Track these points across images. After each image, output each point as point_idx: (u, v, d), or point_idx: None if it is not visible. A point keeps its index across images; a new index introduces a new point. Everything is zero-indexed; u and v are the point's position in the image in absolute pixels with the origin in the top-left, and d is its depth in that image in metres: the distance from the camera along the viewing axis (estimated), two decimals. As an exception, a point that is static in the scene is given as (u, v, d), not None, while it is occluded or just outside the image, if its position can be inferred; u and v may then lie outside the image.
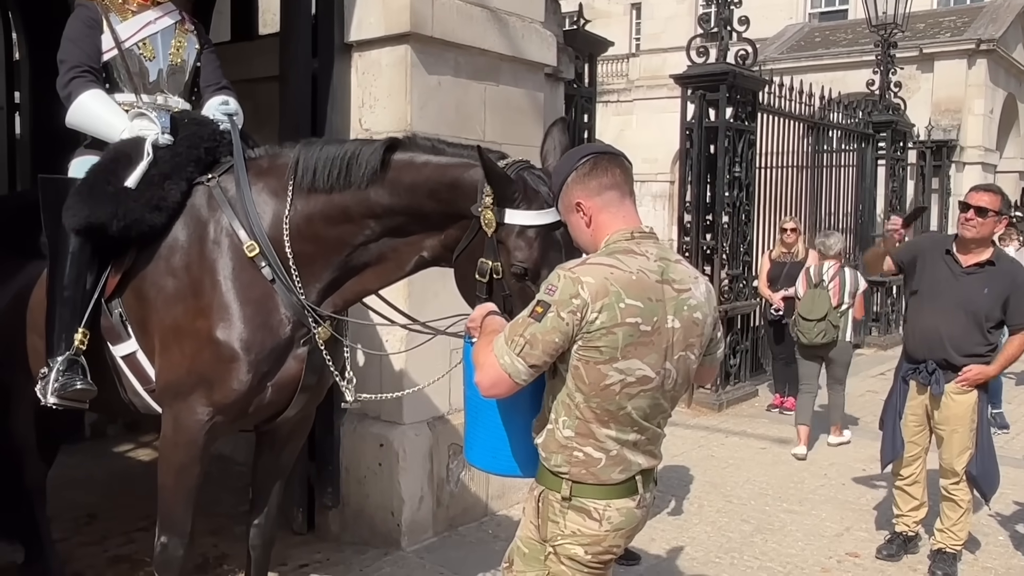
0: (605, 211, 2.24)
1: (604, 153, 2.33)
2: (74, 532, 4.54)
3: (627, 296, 2.10)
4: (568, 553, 2.22)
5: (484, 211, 2.50)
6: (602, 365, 2.12)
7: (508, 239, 2.48)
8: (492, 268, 2.49)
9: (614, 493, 2.21)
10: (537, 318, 2.10)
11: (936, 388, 4.42)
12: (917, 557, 4.61)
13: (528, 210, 2.47)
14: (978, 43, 16.91)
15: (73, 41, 3.26)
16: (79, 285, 3.01)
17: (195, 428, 2.88)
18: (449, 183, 2.67)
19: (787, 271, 7.84)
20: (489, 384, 2.16)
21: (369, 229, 2.84)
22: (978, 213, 4.31)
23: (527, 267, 2.46)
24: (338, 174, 2.81)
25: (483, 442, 2.41)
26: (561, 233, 2.47)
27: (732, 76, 7.97)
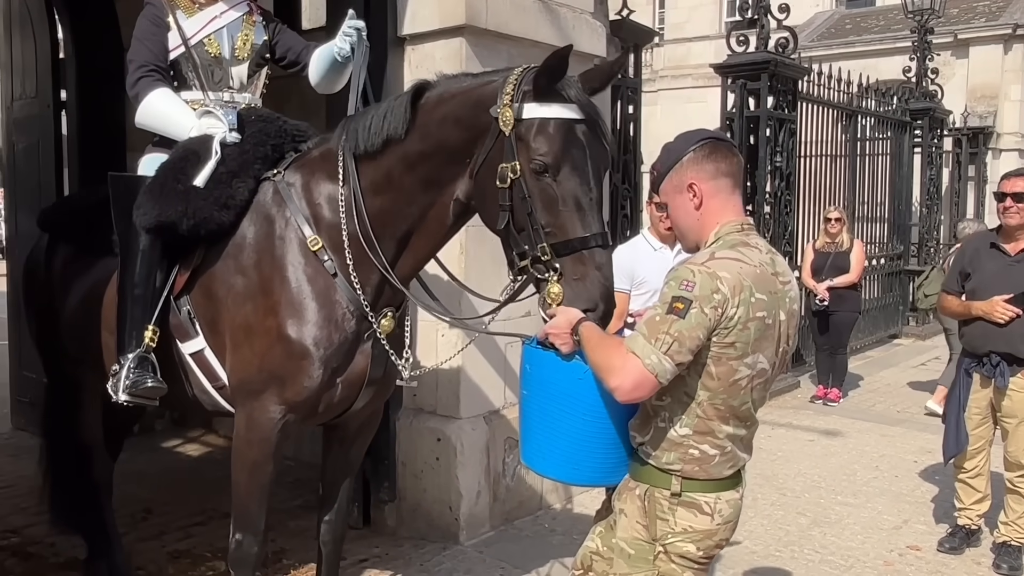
0: (717, 197, 2.22)
1: (723, 140, 2.29)
2: (131, 527, 4.57)
3: (756, 291, 2.10)
4: (680, 551, 2.19)
5: (503, 110, 2.41)
6: (734, 361, 2.11)
7: (528, 134, 2.38)
8: (510, 169, 2.39)
9: (722, 487, 2.21)
10: (680, 315, 2.04)
11: (1001, 381, 4.36)
12: (980, 550, 4.55)
13: (550, 102, 2.38)
14: (1015, 28, 16.64)
15: (140, 40, 3.25)
16: (149, 283, 3.02)
17: (268, 426, 2.88)
18: (474, 101, 2.56)
19: (832, 261, 7.76)
20: (632, 386, 2.07)
21: (409, 187, 2.75)
22: (1016, 199, 4.28)
23: (547, 161, 2.35)
24: (375, 134, 2.75)
25: (563, 452, 2.32)
26: (583, 131, 2.39)
27: (773, 65, 7.89)
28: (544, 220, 2.37)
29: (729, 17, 23.89)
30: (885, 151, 11.63)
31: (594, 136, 2.43)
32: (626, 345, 2.10)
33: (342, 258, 2.83)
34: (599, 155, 2.44)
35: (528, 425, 2.40)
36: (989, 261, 4.45)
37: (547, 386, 2.32)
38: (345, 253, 2.82)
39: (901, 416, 7.61)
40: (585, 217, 2.37)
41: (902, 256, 11.98)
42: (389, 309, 2.91)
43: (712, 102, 9.70)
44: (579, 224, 2.35)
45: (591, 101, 2.48)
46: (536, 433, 2.37)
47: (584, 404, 2.25)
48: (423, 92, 2.73)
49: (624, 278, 4.01)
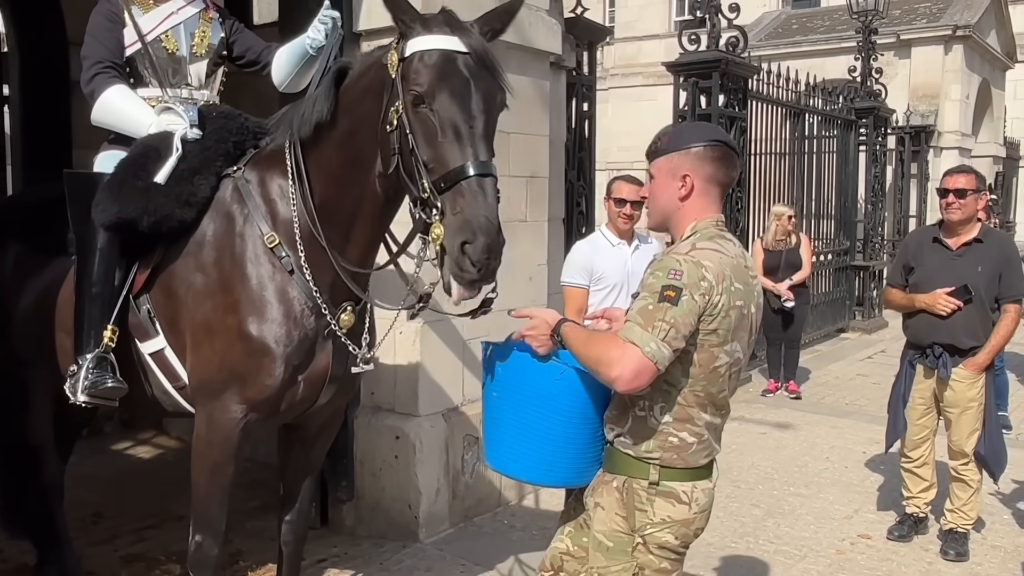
0: (704, 197, 2.27)
1: (734, 151, 2.31)
2: (82, 532, 4.46)
3: (735, 280, 2.16)
4: (658, 541, 2.22)
5: (390, 55, 2.41)
6: (715, 348, 2.16)
7: (408, 70, 2.36)
8: (394, 109, 2.36)
9: (698, 475, 2.24)
10: (673, 302, 2.07)
11: (943, 372, 4.48)
12: (928, 538, 4.67)
13: (428, 35, 2.36)
14: (954, 29, 17.07)
15: (94, 36, 3.18)
16: (108, 282, 2.97)
17: (229, 426, 2.84)
18: (379, 66, 2.54)
19: (786, 259, 7.89)
20: (633, 375, 2.07)
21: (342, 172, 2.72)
22: (959, 195, 4.41)
23: (422, 89, 2.31)
24: (306, 122, 2.72)
25: (537, 455, 2.31)
26: (466, 63, 2.34)
27: (724, 63, 7.99)
28: (425, 155, 2.32)
29: (678, 16, 24.18)
30: (832, 149, 11.85)
31: (481, 70, 2.38)
32: (621, 335, 2.11)
33: (296, 254, 2.81)
34: (486, 88, 2.38)
35: (497, 427, 2.37)
36: (932, 255, 4.57)
37: (522, 388, 2.29)
38: (298, 249, 2.80)
39: (850, 408, 7.78)
40: (464, 145, 2.30)
41: (848, 252, 12.24)
42: (349, 303, 2.89)
43: (663, 100, 9.82)
44: (458, 154, 2.29)
45: (480, 37, 2.44)
46: (507, 435, 2.34)
47: (562, 405, 2.25)
48: (346, 73, 2.72)
49: (583, 274, 4.04)
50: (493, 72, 2.42)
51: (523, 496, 5.00)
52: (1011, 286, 4.41)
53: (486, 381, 2.42)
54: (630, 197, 4.00)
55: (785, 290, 7.84)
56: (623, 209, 4.02)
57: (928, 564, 4.39)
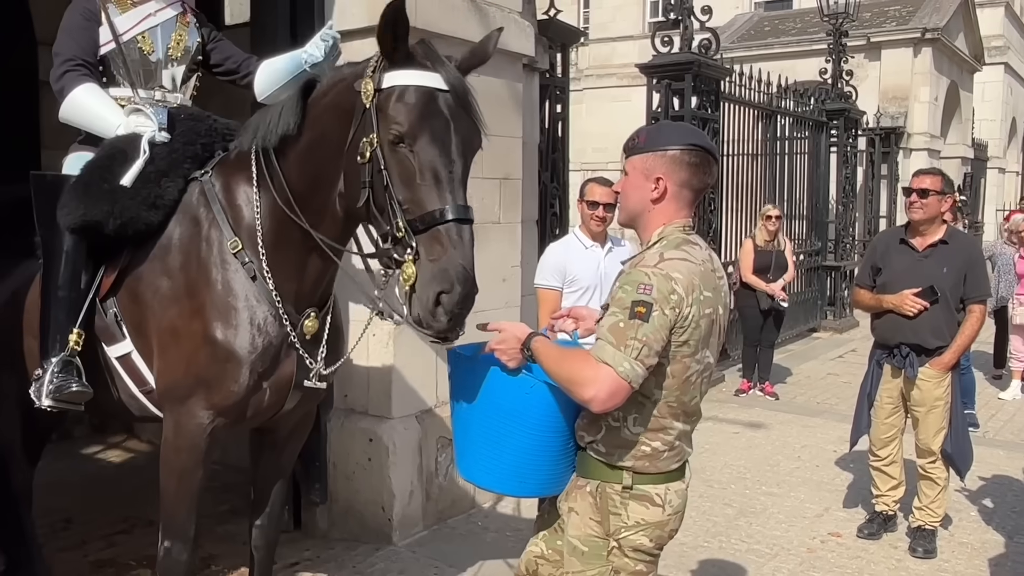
0: (675, 202, 2.25)
1: (709, 154, 2.27)
2: (51, 537, 4.42)
3: (704, 288, 2.15)
4: (633, 544, 2.22)
5: (365, 83, 2.35)
6: (687, 358, 2.15)
7: (385, 104, 2.31)
8: (369, 142, 2.31)
9: (670, 478, 2.25)
10: (643, 318, 2.05)
11: (910, 371, 4.55)
12: (896, 535, 4.74)
13: (409, 70, 2.31)
14: (923, 32, 17.29)
15: (68, 33, 3.14)
16: (74, 285, 2.94)
17: (196, 432, 2.82)
18: (347, 85, 2.51)
19: (775, 260, 7.96)
20: (608, 395, 2.05)
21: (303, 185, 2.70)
22: (921, 195, 4.49)
23: (402, 130, 2.27)
24: (271, 133, 2.69)
25: (509, 467, 2.29)
26: (447, 102, 2.31)
27: (697, 65, 8.05)
28: (401, 195, 2.29)
29: (652, 17, 24.34)
30: (803, 150, 11.98)
31: (460, 110, 2.35)
32: (594, 355, 2.08)
33: (259, 260, 2.79)
34: (465, 129, 2.36)
35: (468, 438, 2.35)
36: (898, 256, 4.64)
37: (492, 401, 2.27)
38: (261, 256, 2.78)
39: (821, 407, 7.87)
40: (443, 189, 2.27)
41: (820, 252, 12.37)
42: (312, 309, 2.88)
43: (637, 101, 9.86)
44: (436, 196, 2.27)
45: (459, 74, 2.41)
46: (478, 447, 2.32)
47: (533, 419, 2.23)
48: (313, 87, 2.70)
49: (556, 276, 4.05)
50: (471, 112, 2.40)
51: (497, 498, 4.99)
52: (976, 287, 4.49)
53: (454, 391, 2.40)
54: (602, 199, 4.01)
55: (779, 291, 7.92)
56: (596, 211, 4.04)
57: (897, 561, 4.45)
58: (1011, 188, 25.59)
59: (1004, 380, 8.72)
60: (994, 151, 24.05)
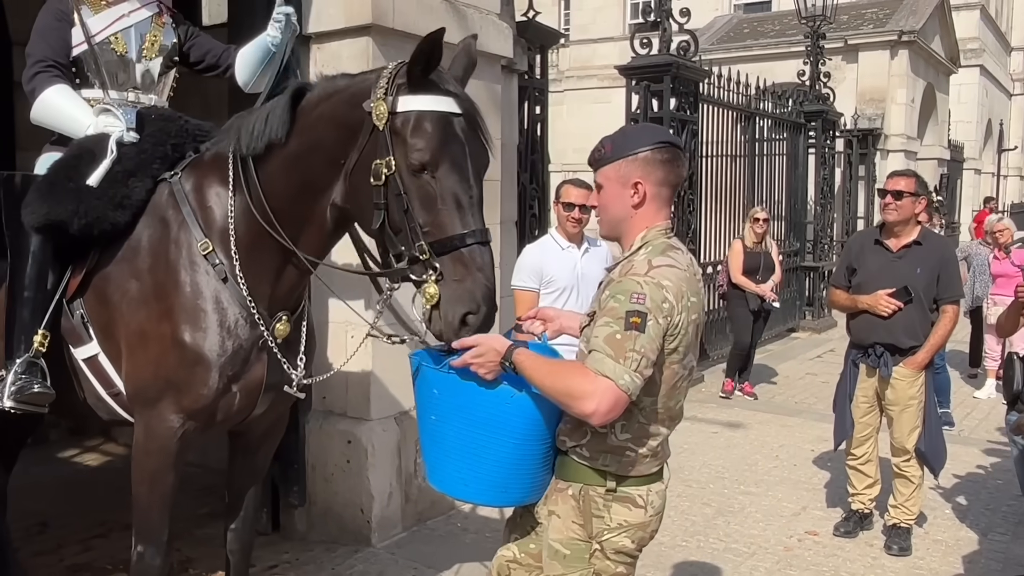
0: (656, 202, 2.24)
1: (681, 151, 2.29)
2: (26, 542, 4.38)
3: (691, 294, 2.16)
4: (615, 546, 2.22)
5: (376, 104, 2.34)
6: (676, 364, 2.17)
7: (404, 129, 2.31)
8: (385, 165, 2.31)
9: (651, 479, 2.26)
10: (640, 328, 2.04)
11: (885, 370, 4.59)
12: (872, 533, 4.78)
13: (426, 94, 2.31)
14: (900, 34, 17.47)
15: (40, 34, 3.12)
16: (40, 285, 2.91)
17: (167, 435, 2.80)
18: (348, 98, 2.51)
19: (764, 262, 8.00)
20: (609, 409, 2.04)
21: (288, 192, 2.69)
22: (896, 197, 4.54)
23: (425, 157, 2.28)
24: (257, 138, 2.67)
25: (490, 478, 2.25)
26: (462, 126, 2.33)
27: (676, 67, 8.10)
28: (422, 219, 2.30)
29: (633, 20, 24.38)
30: (781, 151, 12.07)
31: (472, 133, 2.38)
32: (592, 368, 2.06)
33: (232, 263, 2.78)
34: (478, 152, 2.40)
35: (442, 451, 2.29)
36: (873, 257, 4.69)
37: (470, 414, 2.22)
38: (233, 258, 2.77)
39: (799, 407, 7.93)
40: (465, 214, 2.30)
41: (798, 253, 12.46)
42: (284, 313, 2.87)
43: (617, 102, 9.89)
44: (458, 221, 2.29)
45: (468, 96, 2.44)
46: (455, 459, 2.27)
47: (515, 429, 2.21)
48: (303, 94, 2.69)
49: (533, 277, 4.07)
50: (484, 135, 2.44)
51: (476, 499, 5.01)
52: (948, 287, 4.55)
53: (422, 402, 2.34)
54: (578, 201, 4.03)
55: (770, 292, 7.97)
56: (571, 213, 4.06)
57: (873, 559, 4.49)
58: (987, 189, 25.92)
59: (979, 379, 8.81)
60: (970, 152, 24.37)
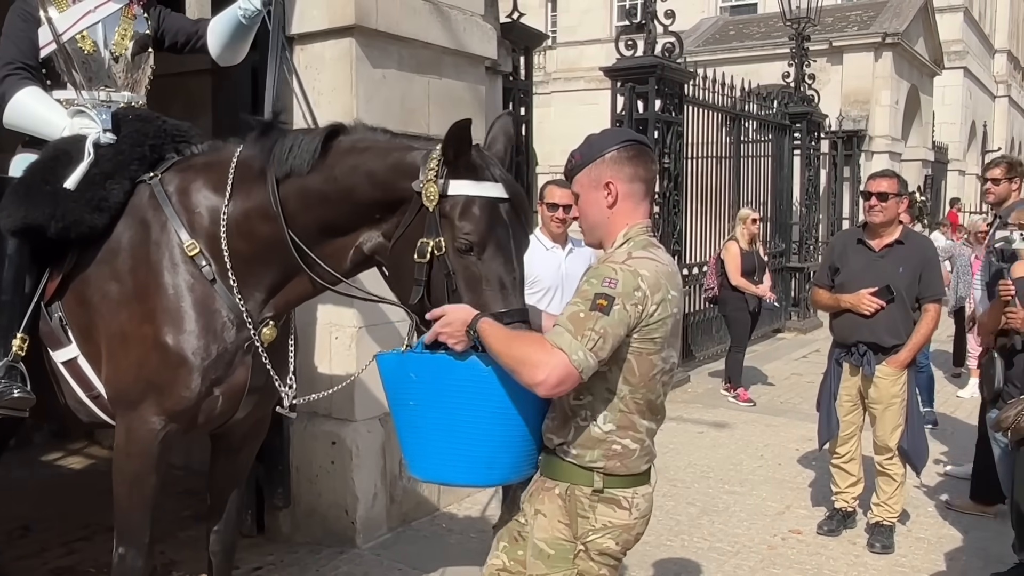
0: (630, 200, 2.27)
1: (646, 146, 2.32)
2: (8, 545, 4.35)
3: (671, 288, 2.17)
4: (600, 548, 2.22)
5: (427, 185, 2.37)
6: (653, 356, 2.17)
7: (453, 212, 2.35)
8: (434, 246, 2.34)
9: (638, 481, 2.26)
10: (604, 311, 2.06)
11: (868, 369, 4.62)
12: (855, 531, 4.80)
13: (476, 180, 2.37)
14: (884, 36, 17.58)
15: (7, 37, 3.11)
16: (17, 289, 2.89)
17: (148, 437, 2.79)
18: (391, 164, 2.54)
19: (757, 263, 8.04)
20: (557, 381, 2.05)
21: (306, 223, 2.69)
22: (880, 198, 4.57)
23: (473, 240, 2.32)
24: (280, 164, 2.67)
25: (475, 456, 2.24)
26: (507, 211, 2.39)
27: (660, 69, 8.13)
28: (466, 298, 2.32)
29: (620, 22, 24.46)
30: (767, 153, 12.13)
31: (517, 217, 2.43)
32: (549, 339, 2.09)
33: (221, 266, 2.76)
34: (521, 236, 2.44)
35: (421, 436, 2.29)
36: (856, 256, 4.72)
37: (446, 389, 2.22)
38: (225, 261, 2.76)
39: (784, 407, 7.97)
40: (508, 295, 2.34)
41: (784, 254, 12.52)
42: (270, 318, 2.86)
43: (604, 104, 9.90)
44: (501, 301, 2.32)
45: (515, 181, 2.49)
46: (435, 443, 2.26)
47: (494, 400, 2.19)
48: (337, 134, 2.67)
49: (516, 277, 4.07)
50: (527, 218, 2.50)
51: (461, 500, 5.01)
52: (930, 286, 4.59)
53: (395, 392, 2.35)
54: (562, 201, 4.04)
55: (770, 292, 8.01)
56: (555, 213, 4.07)
57: (855, 557, 4.51)
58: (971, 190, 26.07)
59: (963, 378, 8.86)
60: (954, 154, 24.52)
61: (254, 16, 3.14)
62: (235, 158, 2.82)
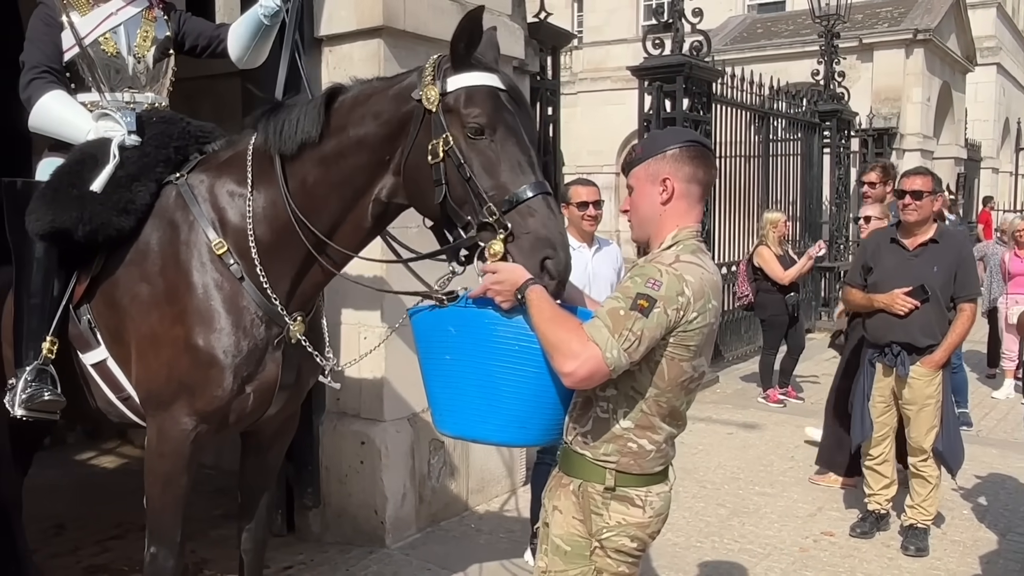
0: (685, 200, 2.24)
1: (709, 149, 2.31)
2: (43, 543, 4.41)
3: (713, 297, 2.15)
4: (615, 545, 2.21)
5: (426, 90, 2.40)
6: (685, 362, 2.15)
7: (457, 104, 2.37)
8: (443, 140, 2.36)
9: (652, 480, 2.24)
10: (644, 313, 2.04)
11: (901, 370, 4.55)
12: (889, 534, 4.74)
13: (472, 71, 2.39)
14: (915, 33, 17.37)
15: (32, 41, 3.13)
16: (46, 292, 2.92)
17: (180, 438, 2.81)
18: (392, 95, 2.56)
19: (791, 263, 7.95)
20: (587, 375, 2.04)
21: (323, 190, 2.70)
22: (915, 197, 4.49)
23: (482, 121, 2.33)
24: (288, 138, 2.69)
25: (509, 413, 2.21)
26: (508, 99, 2.40)
27: (688, 67, 8.08)
28: (485, 183, 2.33)
29: (646, 21, 24.35)
30: (796, 151, 12.01)
31: (519, 106, 2.45)
32: (588, 332, 2.07)
33: (249, 262, 2.77)
34: (527, 123, 2.46)
35: (458, 392, 2.26)
36: (889, 256, 4.65)
37: (488, 344, 2.20)
38: (253, 257, 2.77)
39: (815, 408, 7.83)
40: (526, 172, 2.34)
41: (814, 253, 12.39)
42: (299, 313, 2.86)
43: (631, 104, 9.87)
44: (521, 178, 2.33)
45: (509, 75, 2.51)
46: (472, 398, 2.24)
47: (534, 357, 2.16)
48: (337, 95, 2.70)
49: (544, 277, 4.06)
50: (527, 109, 2.52)
51: (490, 500, 5.01)
52: (966, 286, 4.51)
53: (432, 347, 2.33)
54: (591, 198, 4.03)
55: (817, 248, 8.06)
56: (587, 211, 4.05)
57: (889, 560, 4.45)
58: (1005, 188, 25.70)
59: (997, 379, 8.73)
60: (987, 151, 24.17)
61: (275, 14, 3.15)
62: (250, 147, 2.82)
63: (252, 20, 3.22)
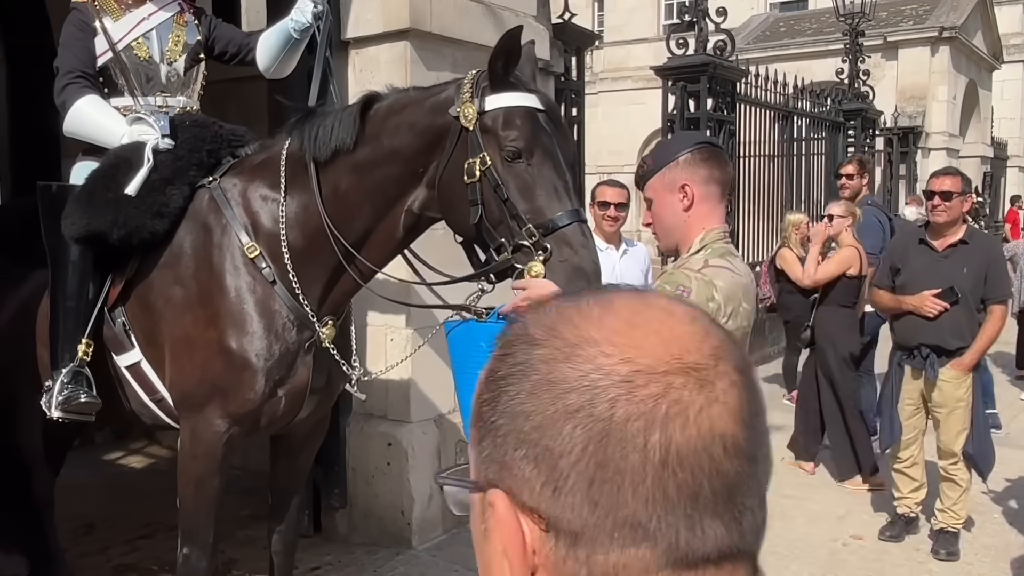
0: (707, 203, 2.23)
1: (719, 148, 2.32)
2: (74, 542, 4.46)
3: (744, 301, 2.14)
4: None
5: (464, 107, 2.41)
6: None
7: (495, 125, 2.37)
8: (479, 161, 2.36)
9: None
10: None
11: (931, 373, 4.51)
12: (919, 537, 4.69)
13: (511, 92, 2.39)
14: (940, 31, 17.20)
15: (66, 47, 3.17)
16: (82, 295, 2.96)
17: (213, 440, 2.84)
18: (428, 108, 2.57)
19: None
20: None
21: (356, 199, 2.71)
22: (944, 198, 4.44)
23: (520, 145, 2.34)
24: (323, 144, 2.71)
25: None
26: (546, 121, 2.40)
27: (712, 67, 8.03)
28: (522, 207, 2.33)
29: (667, 20, 24.28)
30: (820, 151, 11.92)
31: (556, 127, 2.46)
32: None
33: (281, 266, 2.79)
34: (565, 145, 2.46)
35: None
36: (918, 257, 4.60)
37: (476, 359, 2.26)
38: (285, 261, 2.78)
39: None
40: (563, 197, 2.35)
41: (838, 253, 12.28)
42: (330, 318, 2.88)
43: (652, 104, 9.87)
44: (557, 204, 2.33)
45: (547, 94, 2.52)
46: None
47: None
48: (372, 103, 2.71)
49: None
50: (565, 130, 2.55)
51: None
52: (996, 287, 4.46)
53: (465, 362, 2.36)
54: (614, 199, 4.03)
55: None
56: (607, 212, 4.05)
57: (919, 563, 4.41)
58: (1032, 187, 25.34)
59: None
60: (1014, 150, 23.86)
61: (305, 29, 3.16)
62: (284, 152, 2.84)
63: (282, 33, 3.24)
